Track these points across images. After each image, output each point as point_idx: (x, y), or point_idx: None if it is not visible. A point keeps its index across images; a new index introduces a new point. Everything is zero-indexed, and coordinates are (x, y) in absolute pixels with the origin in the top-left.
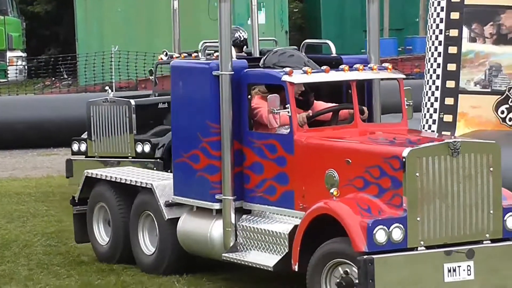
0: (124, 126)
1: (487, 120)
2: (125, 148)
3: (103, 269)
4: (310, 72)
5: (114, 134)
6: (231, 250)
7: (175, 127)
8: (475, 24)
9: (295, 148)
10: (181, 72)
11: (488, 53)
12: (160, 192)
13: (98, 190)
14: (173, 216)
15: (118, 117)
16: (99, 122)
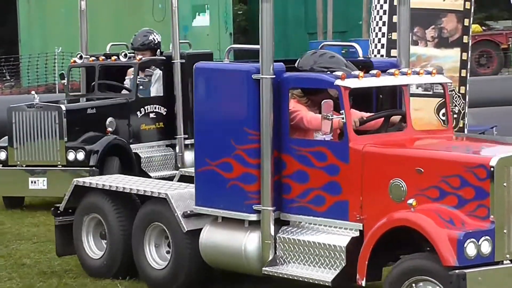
0: (53, 133)
1: (429, 122)
2: (54, 156)
3: (45, 272)
4: (362, 76)
5: (41, 141)
6: (270, 264)
7: (199, 134)
8: (417, 28)
9: (350, 156)
10: (210, 75)
11: (429, 56)
12: (176, 202)
13: (90, 200)
14: (193, 228)
15: (46, 123)
16: (23, 129)
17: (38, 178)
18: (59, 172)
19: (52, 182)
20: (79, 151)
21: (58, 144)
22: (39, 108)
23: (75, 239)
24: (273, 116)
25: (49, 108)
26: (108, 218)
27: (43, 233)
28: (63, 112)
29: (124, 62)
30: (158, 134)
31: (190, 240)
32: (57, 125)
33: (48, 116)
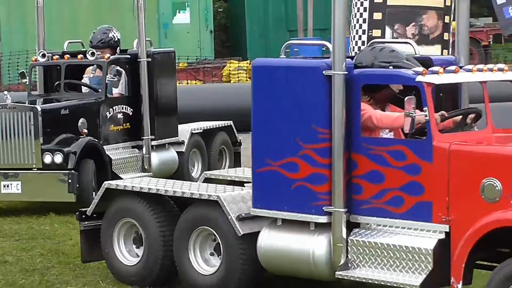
0: (27, 135)
1: None
2: (29, 158)
3: (27, 269)
4: (442, 72)
5: (14, 143)
6: (343, 268)
7: (259, 133)
8: (398, 25)
9: (434, 155)
10: (273, 72)
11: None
12: (229, 205)
13: (123, 204)
14: (248, 231)
15: (19, 124)
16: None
17: (11, 182)
18: (34, 175)
19: (26, 186)
20: (57, 153)
21: (33, 146)
22: (11, 108)
23: (104, 245)
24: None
25: (23, 109)
26: (146, 223)
27: (25, 230)
28: (39, 112)
29: (91, 60)
30: (125, 135)
31: (244, 244)
32: (32, 126)
33: (22, 117)
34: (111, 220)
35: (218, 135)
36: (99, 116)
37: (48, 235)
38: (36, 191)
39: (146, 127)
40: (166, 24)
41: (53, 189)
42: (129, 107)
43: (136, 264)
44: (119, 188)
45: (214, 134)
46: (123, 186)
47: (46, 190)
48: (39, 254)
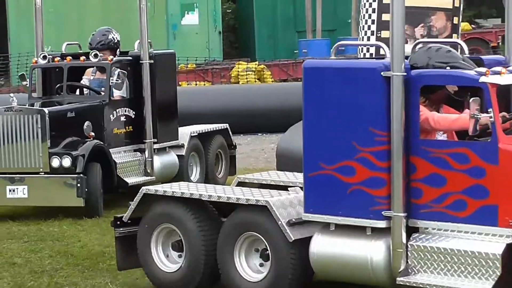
0: (34, 138)
1: None
2: (36, 162)
3: (36, 271)
4: (504, 73)
5: (20, 147)
6: (403, 274)
7: (311, 137)
8: (406, 26)
9: (500, 158)
10: (326, 73)
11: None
12: (278, 210)
13: (162, 209)
14: (299, 237)
15: (25, 127)
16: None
17: (17, 186)
18: (41, 179)
19: (33, 190)
20: (65, 157)
21: (40, 150)
22: (18, 111)
23: (142, 252)
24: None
25: (30, 112)
26: (187, 228)
27: (34, 232)
28: (46, 115)
29: (94, 62)
30: (127, 138)
31: (294, 250)
32: (40, 129)
33: (29, 120)
34: (149, 226)
35: (215, 138)
36: (103, 119)
37: (56, 237)
38: (43, 196)
39: (149, 130)
40: (174, 25)
41: (61, 194)
42: (131, 109)
43: (176, 270)
44: (158, 193)
45: (211, 137)
46: (162, 191)
47: (53, 194)
48: (47, 255)
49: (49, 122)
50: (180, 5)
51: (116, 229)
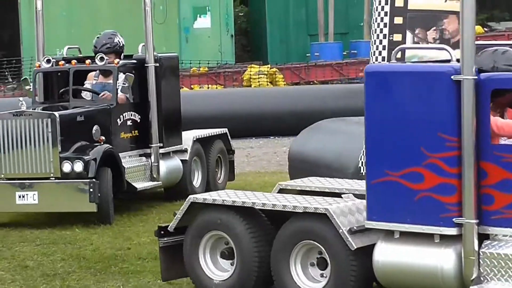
0: (44, 142)
1: None
2: (46, 167)
3: (48, 274)
4: None
5: (30, 152)
6: (476, 282)
7: (374, 142)
8: (419, 29)
9: None
10: (389, 77)
11: (431, 57)
12: (338, 218)
13: (210, 217)
14: (361, 245)
15: (35, 132)
16: (7, 139)
17: (27, 192)
18: (52, 185)
19: (44, 196)
20: (77, 161)
21: (50, 155)
22: (27, 115)
23: (189, 261)
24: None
25: (40, 116)
26: (238, 236)
27: (46, 235)
28: (57, 119)
29: (101, 66)
30: (133, 142)
31: (356, 258)
32: (50, 133)
33: (39, 124)
34: (197, 234)
35: (215, 143)
36: (111, 123)
37: (69, 240)
38: (54, 202)
39: (155, 135)
40: (187, 28)
41: (72, 199)
42: (137, 113)
43: (227, 278)
44: (207, 202)
45: (212, 142)
46: (211, 200)
47: (65, 200)
48: (60, 259)
49: (59, 127)
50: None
51: (160, 239)
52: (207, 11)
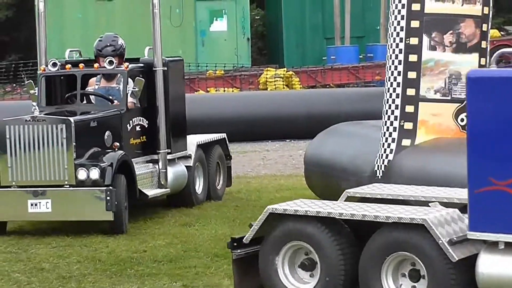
0: (59, 149)
1: (447, 127)
2: (60, 174)
3: (64, 276)
4: None
5: (43, 159)
6: None
7: (477, 150)
8: (435, 33)
9: None
10: (496, 83)
11: (448, 61)
12: (438, 229)
13: (290, 227)
14: (462, 257)
15: (49, 138)
16: (20, 145)
17: (39, 200)
18: (66, 192)
19: (57, 204)
20: (93, 168)
21: (65, 161)
22: (41, 121)
23: (266, 272)
24: None
25: (55, 121)
26: (323, 247)
27: (62, 237)
28: (72, 125)
29: (110, 70)
30: (141, 149)
31: (455, 270)
32: (65, 139)
33: (53, 129)
34: (276, 245)
35: (214, 148)
36: (122, 128)
37: (84, 243)
38: (68, 210)
39: (163, 140)
40: (203, 31)
41: (88, 207)
42: (145, 119)
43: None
44: (288, 212)
45: (212, 148)
46: (292, 210)
47: (79, 208)
48: (75, 261)
49: (74, 132)
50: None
51: (233, 251)
52: (224, 14)
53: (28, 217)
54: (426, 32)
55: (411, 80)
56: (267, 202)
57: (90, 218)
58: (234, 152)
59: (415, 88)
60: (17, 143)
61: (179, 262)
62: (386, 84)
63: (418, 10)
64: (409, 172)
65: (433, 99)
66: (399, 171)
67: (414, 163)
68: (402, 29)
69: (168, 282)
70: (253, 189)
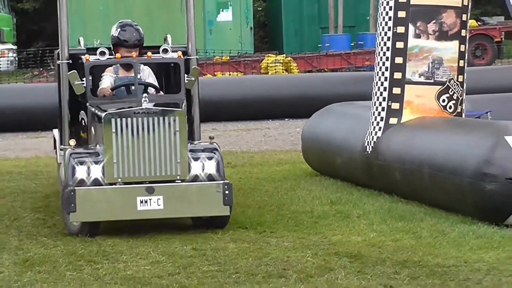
0: (171, 142)
1: (430, 107)
2: (172, 169)
3: (86, 240)
4: None
5: (154, 154)
6: None
7: None
8: (420, 22)
9: None
10: None
11: (431, 48)
12: None
13: None
14: None
15: (162, 131)
16: (127, 139)
17: (150, 197)
18: (180, 187)
19: (170, 200)
20: (208, 161)
21: (178, 155)
22: (151, 113)
23: None
24: None
25: (168, 113)
26: None
27: None
28: (186, 117)
29: (166, 59)
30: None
31: None
32: (178, 132)
33: (165, 122)
34: None
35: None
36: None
37: None
38: (181, 206)
39: (197, 130)
40: (211, 21)
41: (203, 203)
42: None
43: None
44: None
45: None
46: None
47: (194, 204)
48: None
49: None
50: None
51: None
52: (229, 5)
53: (138, 215)
54: (412, 22)
55: (398, 65)
56: (268, 174)
57: (206, 214)
58: (238, 129)
59: (402, 72)
60: (124, 137)
61: (189, 229)
62: (376, 69)
63: (405, 1)
64: (396, 148)
65: (418, 82)
66: (387, 146)
67: (400, 139)
68: (390, 19)
69: (179, 245)
70: (256, 163)
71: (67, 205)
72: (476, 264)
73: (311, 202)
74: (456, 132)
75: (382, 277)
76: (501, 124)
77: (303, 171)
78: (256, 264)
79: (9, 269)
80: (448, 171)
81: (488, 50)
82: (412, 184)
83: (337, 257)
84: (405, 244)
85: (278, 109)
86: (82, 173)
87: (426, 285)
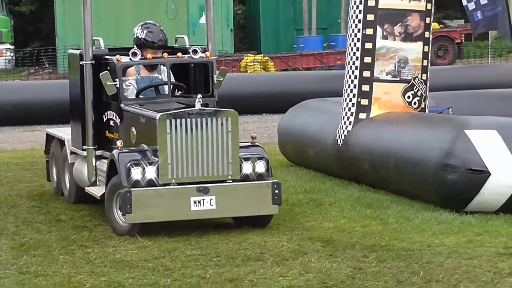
0: (224, 143)
1: (396, 104)
2: (224, 169)
3: (78, 226)
4: None
5: (206, 154)
6: None
7: None
8: (387, 25)
9: None
10: None
11: (397, 48)
12: None
13: None
14: None
15: (214, 131)
16: (181, 140)
17: (203, 197)
18: (232, 187)
19: (222, 200)
20: (258, 161)
21: (230, 156)
22: (205, 114)
23: None
24: None
25: (220, 114)
26: None
27: None
28: (238, 118)
29: (196, 59)
30: None
31: None
32: (230, 133)
33: (218, 123)
34: None
35: None
36: None
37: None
38: (233, 206)
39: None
40: (194, 23)
41: (253, 202)
42: None
43: None
44: None
45: None
46: None
47: (245, 203)
48: (88, 214)
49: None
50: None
51: None
52: None
53: (191, 216)
54: (380, 24)
55: (367, 64)
56: None
57: (256, 213)
58: None
59: (370, 70)
60: (178, 138)
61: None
62: (346, 68)
63: (373, 5)
64: (365, 141)
65: (385, 80)
66: (357, 139)
67: (369, 133)
68: (360, 21)
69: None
70: None
71: (124, 207)
72: (438, 248)
73: (287, 191)
74: (420, 126)
75: (352, 260)
76: (462, 119)
77: (279, 162)
78: (236, 249)
79: (6, 253)
80: (413, 162)
81: (449, 50)
82: (380, 174)
83: (310, 242)
84: (373, 229)
85: (256, 105)
86: (137, 174)
87: (392, 267)
